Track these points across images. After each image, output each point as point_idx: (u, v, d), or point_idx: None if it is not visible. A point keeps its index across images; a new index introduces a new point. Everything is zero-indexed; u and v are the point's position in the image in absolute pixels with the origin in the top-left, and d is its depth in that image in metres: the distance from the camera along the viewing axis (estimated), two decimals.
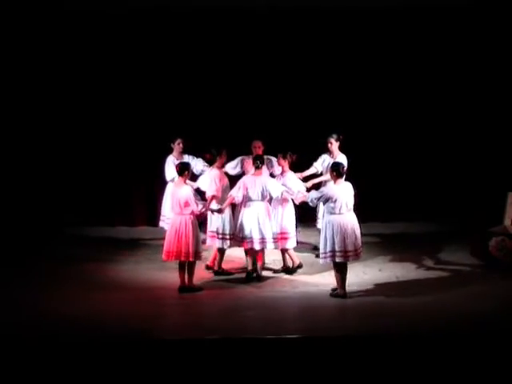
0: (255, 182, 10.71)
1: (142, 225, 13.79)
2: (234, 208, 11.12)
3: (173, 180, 11.48)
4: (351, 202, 10.11)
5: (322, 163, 11.74)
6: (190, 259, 10.26)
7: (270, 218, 10.79)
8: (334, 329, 9.07)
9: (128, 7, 12.89)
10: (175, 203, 10.29)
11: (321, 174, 11.77)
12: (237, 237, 10.78)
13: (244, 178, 10.87)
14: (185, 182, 10.41)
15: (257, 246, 10.66)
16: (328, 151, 11.68)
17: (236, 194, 10.74)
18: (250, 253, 10.80)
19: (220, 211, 10.69)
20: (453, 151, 13.63)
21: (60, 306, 9.69)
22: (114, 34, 13.24)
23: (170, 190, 11.37)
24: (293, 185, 11.01)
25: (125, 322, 9.35)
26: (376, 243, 12.55)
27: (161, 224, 12.01)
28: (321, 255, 10.15)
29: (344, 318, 9.61)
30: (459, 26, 13.31)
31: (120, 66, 13.39)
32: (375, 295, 10.21)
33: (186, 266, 10.32)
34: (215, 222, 10.90)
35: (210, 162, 11.26)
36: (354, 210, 10.19)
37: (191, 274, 10.35)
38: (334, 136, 11.56)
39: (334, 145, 11.59)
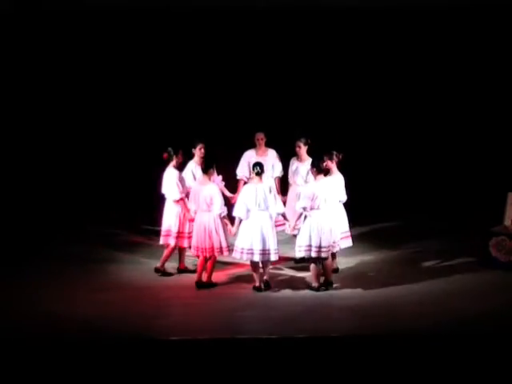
0: (256, 190, 10.19)
1: (143, 225, 13.78)
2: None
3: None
4: (331, 197, 10.15)
5: (290, 167, 11.59)
6: (224, 254, 10.43)
7: (274, 229, 10.36)
8: (334, 329, 9.09)
9: (128, 7, 12.90)
10: (202, 201, 10.33)
11: None
12: (237, 248, 10.29)
13: (242, 192, 10.38)
14: (210, 179, 10.44)
15: (256, 258, 10.19)
16: (296, 155, 11.53)
17: (242, 214, 10.19)
18: (254, 267, 10.31)
19: (233, 234, 10.48)
20: (453, 151, 13.64)
21: (60, 307, 9.70)
22: (115, 34, 13.26)
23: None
24: (338, 189, 10.60)
25: (125, 322, 9.37)
26: (375, 243, 12.51)
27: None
28: (297, 248, 10.24)
29: (344, 318, 9.61)
30: (459, 27, 13.31)
31: (119, 67, 13.41)
32: (375, 295, 10.21)
33: (208, 261, 10.44)
34: (168, 221, 10.83)
35: (167, 162, 10.93)
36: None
37: (211, 269, 10.47)
38: (303, 140, 11.41)
39: (303, 149, 11.43)
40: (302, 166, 11.39)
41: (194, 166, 11.15)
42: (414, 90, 13.60)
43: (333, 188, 10.22)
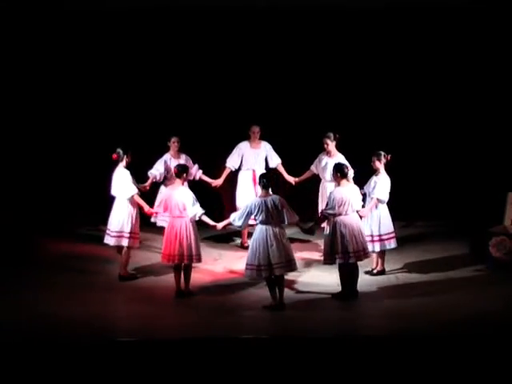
0: (265, 205, 9.63)
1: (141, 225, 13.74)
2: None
3: (153, 177, 11.60)
4: (356, 202, 10.12)
5: (317, 164, 11.69)
6: (194, 262, 10.26)
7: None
8: (335, 330, 9.09)
9: (128, 7, 12.87)
10: (174, 206, 10.19)
11: (318, 176, 11.79)
12: (252, 266, 9.69)
13: (251, 204, 9.74)
14: (182, 184, 10.37)
15: (277, 272, 9.69)
16: (324, 151, 11.65)
17: (242, 225, 9.90)
18: (272, 283, 9.81)
19: (215, 227, 10.35)
20: (453, 151, 13.62)
21: (59, 307, 9.70)
22: (114, 34, 13.22)
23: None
24: (381, 189, 10.61)
25: (124, 323, 9.38)
26: None
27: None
28: (328, 256, 10.05)
29: (345, 319, 9.61)
30: (459, 26, 13.30)
31: (120, 67, 13.38)
32: (376, 296, 10.22)
33: (183, 270, 10.26)
34: (120, 221, 10.82)
35: (116, 162, 10.93)
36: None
37: (188, 278, 10.29)
38: (330, 135, 11.50)
39: (331, 145, 11.52)
40: (331, 161, 11.27)
41: (168, 158, 11.74)
42: (413, 90, 13.58)
43: (356, 193, 10.17)
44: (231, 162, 12.07)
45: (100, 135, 13.20)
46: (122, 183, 10.82)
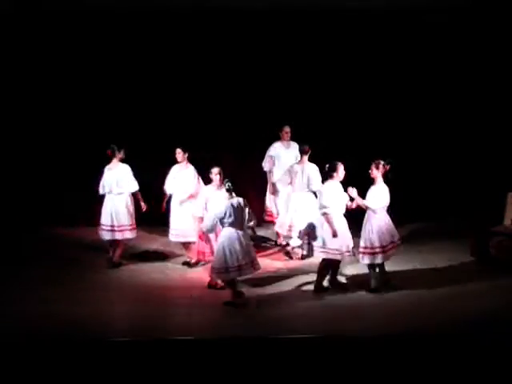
0: (233, 206, 9.85)
1: (142, 226, 13.74)
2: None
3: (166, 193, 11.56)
4: (339, 202, 10.22)
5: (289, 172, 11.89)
6: (206, 259, 10.70)
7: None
8: (334, 329, 9.10)
9: (128, 8, 12.89)
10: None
11: None
12: (220, 269, 9.89)
13: (224, 209, 9.89)
14: (216, 185, 10.58)
15: (247, 273, 10.01)
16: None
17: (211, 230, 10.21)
18: (234, 284, 10.07)
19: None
20: (453, 151, 13.63)
21: (60, 307, 9.72)
22: (114, 35, 13.23)
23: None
24: (373, 197, 10.36)
25: (126, 323, 9.40)
26: None
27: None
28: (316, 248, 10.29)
29: (344, 318, 9.61)
30: (459, 26, 13.31)
31: (121, 68, 13.39)
32: (374, 296, 10.22)
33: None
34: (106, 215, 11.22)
35: (110, 159, 11.27)
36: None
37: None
38: (303, 147, 11.77)
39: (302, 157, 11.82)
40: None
41: (175, 170, 11.51)
42: (412, 90, 13.58)
43: (340, 192, 10.24)
44: (269, 166, 12.26)
45: (99, 135, 13.21)
46: (127, 177, 11.18)
